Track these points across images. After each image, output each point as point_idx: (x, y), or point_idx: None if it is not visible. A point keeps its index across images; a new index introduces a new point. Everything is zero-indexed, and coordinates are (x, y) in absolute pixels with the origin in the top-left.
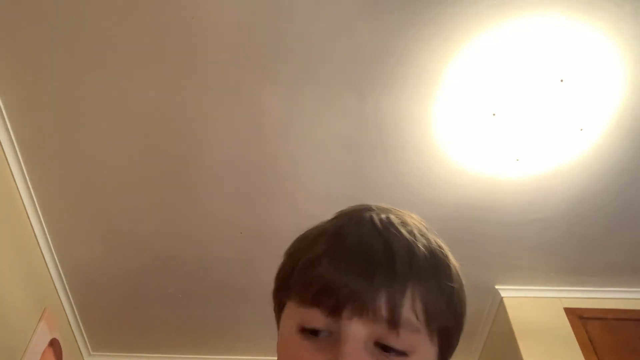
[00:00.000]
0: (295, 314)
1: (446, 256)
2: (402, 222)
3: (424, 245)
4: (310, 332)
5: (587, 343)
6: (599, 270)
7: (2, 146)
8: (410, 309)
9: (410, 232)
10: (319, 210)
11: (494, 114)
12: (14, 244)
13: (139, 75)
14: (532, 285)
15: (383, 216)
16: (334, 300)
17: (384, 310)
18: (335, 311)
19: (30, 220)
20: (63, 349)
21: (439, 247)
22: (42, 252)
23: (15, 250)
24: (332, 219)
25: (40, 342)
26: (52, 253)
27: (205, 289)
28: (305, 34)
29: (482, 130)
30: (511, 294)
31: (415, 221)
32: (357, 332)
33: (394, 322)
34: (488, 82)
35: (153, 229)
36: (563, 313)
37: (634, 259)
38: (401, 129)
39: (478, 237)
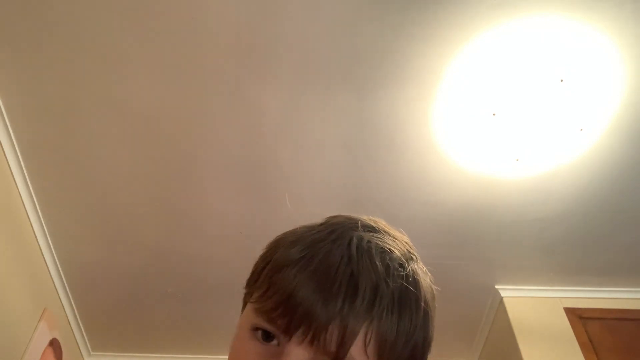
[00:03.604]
0: (252, 315)
1: (418, 292)
2: (382, 250)
3: (394, 282)
4: (262, 335)
5: (587, 343)
6: (599, 270)
7: (2, 146)
8: (361, 348)
9: (385, 264)
10: (319, 210)
11: (494, 114)
12: (14, 244)
13: (139, 76)
14: (532, 285)
15: (365, 240)
16: (288, 320)
17: (332, 344)
18: (287, 331)
19: (30, 221)
20: (63, 349)
21: (415, 280)
22: (42, 252)
23: (15, 250)
24: (318, 226)
25: (40, 342)
26: (52, 253)
27: (205, 289)
28: (305, 34)
29: (482, 130)
30: (511, 294)
31: (399, 247)
32: (299, 355)
33: (337, 358)
34: (488, 82)
35: (153, 229)
36: (563, 313)
37: (634, 259)
38: (401, 129)
39: (478, 237)
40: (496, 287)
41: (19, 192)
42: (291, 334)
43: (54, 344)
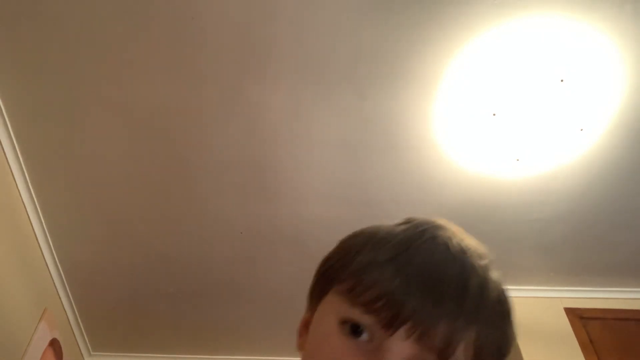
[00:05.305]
0: (341, 306)
1: (510, 304)
2: (479, 256)
3: (494, 287)
4: (351, 329)
5: (587, 343)
6: (599, 270)
7: (2, 146)
8: (464, 350)
9: (483, 268)
10: (319, 210)
11: (494, 114)
12: (14, 244)
13: (139, 76)
14: (532, 285)
15: (457, 241)
16: (392, 314)
17: (439, 342)
18: (389, 325)
19: (30, 220)
20: (63, 349)
21: (504, 289)
22: (42, 252)
23: (16, 250)
24: (401, 225)
25: (41, 342)
26: (52, 253)
27: (205, 289)
28: (306, 34)
29: (482, 130)
30: (511, 293)
31: (486, 254)
32: (403, 351)
33: (443, 356)
34: (488, 82)
35: (153, 229)
36: (563, 313)
37: (634, 259)
38: (401, 129)
39: (478, 237)
40: None
41: (19, 192)
42: (395, 328)
43: (54, 344)
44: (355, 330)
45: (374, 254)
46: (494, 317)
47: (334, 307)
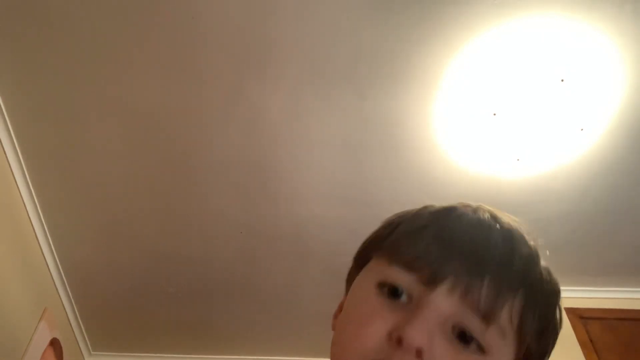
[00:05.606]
0: (381, 269)
1: (560, 288)
2: (527, 234)
3: (544, 266)
4: (389, 292)
5: (587, 343)
6: (599, 270)
7: (2, 146)
8: (508, 314)
9: (533, 246)
10: (319, 210)
11: (494, 114)
12: (14, 244)
13: (139, 76)
14: None
15: (505, 219)
16: (433, 270)
17: (484, 301)
18: (430, 280)
19: (31, 220)
20: (63, 349)
21: (553, 274)
22: (42, 252)
23: (16, 250)
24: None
25: (41, 341)
26: (52, 253)
27: (205, 289)
28: (306, 34)
29: (483, 130)
30: None
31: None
32: (442, 306)
33: (488, 318)
34: (488, 82)
35: (153, 229)
36: (563, 313)
37: (634, 259)
38: (401, 129)
39: None
40: None
41: (20, 192)
42: (437, 283)
43: (54, 343)
44: (394, 293)
45: (414, 223)
46: (542, 289)
47: (372, 271)
